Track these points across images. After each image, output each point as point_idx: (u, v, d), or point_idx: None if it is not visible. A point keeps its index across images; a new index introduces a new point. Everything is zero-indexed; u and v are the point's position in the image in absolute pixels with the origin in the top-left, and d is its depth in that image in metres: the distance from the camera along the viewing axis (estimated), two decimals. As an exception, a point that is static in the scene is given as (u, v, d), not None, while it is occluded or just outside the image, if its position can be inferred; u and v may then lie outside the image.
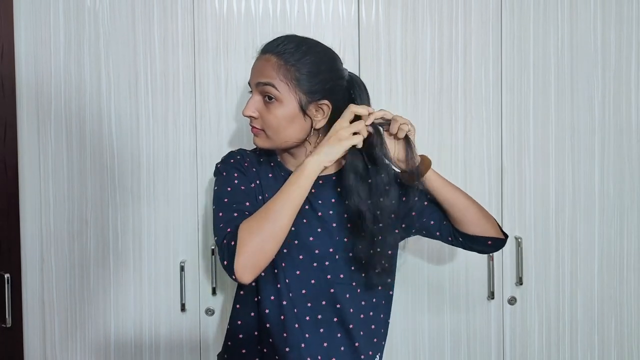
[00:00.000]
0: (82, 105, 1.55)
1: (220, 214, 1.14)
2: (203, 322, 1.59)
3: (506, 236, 1.29)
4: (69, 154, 1.55)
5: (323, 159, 1.11)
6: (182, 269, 1.55)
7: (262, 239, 1.06)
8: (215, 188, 1.19)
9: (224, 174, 1.19)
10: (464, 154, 1.61)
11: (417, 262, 1.63)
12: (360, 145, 1.13)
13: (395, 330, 1.61)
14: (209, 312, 1.58)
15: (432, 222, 1.28)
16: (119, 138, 1.56)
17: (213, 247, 1.54)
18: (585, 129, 1.64)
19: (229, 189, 1.17)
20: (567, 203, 1.64)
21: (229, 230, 1.09)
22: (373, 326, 1.25)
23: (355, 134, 1.12)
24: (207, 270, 1.57)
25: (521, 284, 1.62)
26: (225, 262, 1.07)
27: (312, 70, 1.14)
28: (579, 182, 1.64)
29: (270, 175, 1.23)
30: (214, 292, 1.56)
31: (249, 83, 1.18)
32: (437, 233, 1.29)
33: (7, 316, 1.51)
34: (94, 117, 1.55)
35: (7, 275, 1.51)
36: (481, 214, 1.25)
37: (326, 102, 1.16)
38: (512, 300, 1.64)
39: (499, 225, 1.28)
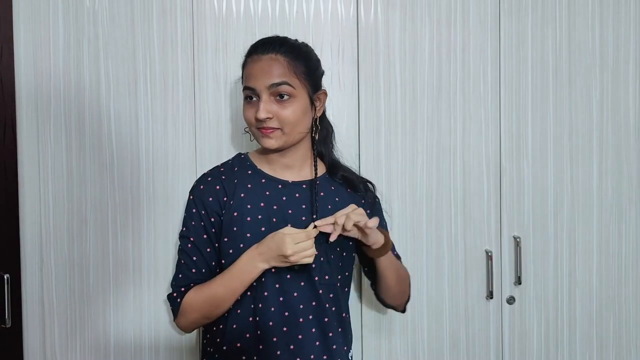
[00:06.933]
0: (81, 106, 1.55)
1: (182, 262, 1.27)
2: (202, 322, 1.59)
3: (404, 311, 1.44)
4: (69, 154, 1.55)
5: (266, 266, 1.18)
6: (181, 269, 1.55)
7: (201, 316, 1.23)
8: (183, 229, 1.28)
9: (193, 210, 1.26)
10: (463, 153, 1.62)
11: (416, 261, 1.63)
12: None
13: (394, 329, 1.61)
14: (209, 312, 1.58)
15: (365, 256, 1.33)
16: (118, 138, 1.56)
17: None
18: (583, 128, 1.64)
19: (191, 238, 1.25)
20: (565, 202, 1.65)
21: (182, 289, 1.24)
22: (349, 323, 1.31)
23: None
24: (206, 270, 1.57)
25: (520, 283, 1.63)
26: (172, 315, 1.28)
27: (312, 64, 1.25)
28: (577, 182, 1.65)
29: (249, 185, 1.26)
30: (213, 292, 1.56)
31: (249, 87, 1.20)
32: (364, 266, 1.42)
33: (6, 316, 1.51)
34: (94, 117, 1.55)
35: (6, 276, 1.51)
36: (398, 296, 1.37)
37: (324, 90, 1.28)
38: (510, 300, 1.64)
39: (406, 302, 1.42)
